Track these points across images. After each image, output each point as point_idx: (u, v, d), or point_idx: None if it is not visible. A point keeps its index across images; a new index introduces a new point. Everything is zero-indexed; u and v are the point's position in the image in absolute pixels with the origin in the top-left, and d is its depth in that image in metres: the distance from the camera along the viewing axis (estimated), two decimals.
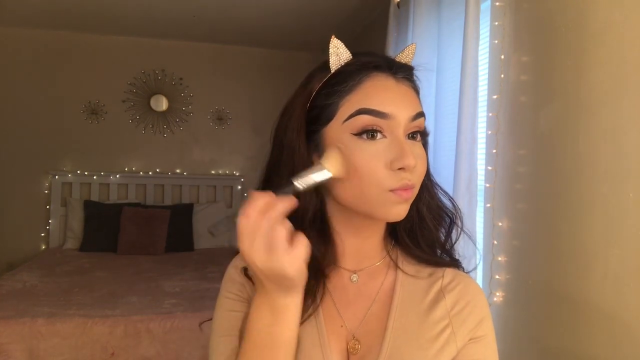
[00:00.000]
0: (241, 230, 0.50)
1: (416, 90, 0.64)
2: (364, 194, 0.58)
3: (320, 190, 0.63)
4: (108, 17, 3.44)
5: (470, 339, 0.64)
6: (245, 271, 0.66)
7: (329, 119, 0.60)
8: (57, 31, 3.75)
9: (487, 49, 1.56)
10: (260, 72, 4.18)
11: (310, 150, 0.62)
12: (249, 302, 0.64)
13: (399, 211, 0.60)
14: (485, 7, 1.58)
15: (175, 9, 3.24)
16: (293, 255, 0.50)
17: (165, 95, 4.01)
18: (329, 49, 0.61)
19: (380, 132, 0.58)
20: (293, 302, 0.55)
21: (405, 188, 0.58)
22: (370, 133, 0.58)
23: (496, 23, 1.52)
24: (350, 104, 0.59)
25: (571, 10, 1.25)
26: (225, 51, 4.12)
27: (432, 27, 1.94)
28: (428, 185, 0.68)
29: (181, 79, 4.04)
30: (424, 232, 0.68)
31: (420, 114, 0.61)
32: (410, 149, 0.58)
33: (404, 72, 0.62)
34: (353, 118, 0.58)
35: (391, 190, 0.58)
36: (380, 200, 0.58)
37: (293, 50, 4.19)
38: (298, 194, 0.55)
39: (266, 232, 0.49)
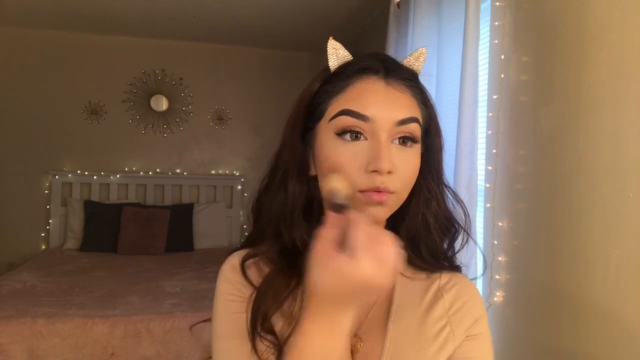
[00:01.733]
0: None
1: (416, 96, 0.62)
2: None
3: (311, 185, 0.65)
4: (108, 17, 3.44)
5: (467, 337, 0.65)
6: (243, 270, 0.65)
7: (320, 117, 0.62)
8: (57, 31, 3.76)
9: (487, 49, 1.56)
10: (260, 72, 4.18)
11: (305, 146, 0.65)
12: (247, 301, 0.63)
13: (373, 213, 0.59)
14: (485, 7, 1.57)
15: (175, 9, 3.24)
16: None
17: (165, 95, 4.01)
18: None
19: (362, 133, 0.59)
20: (352, 314, 0.52)
21: (377, 191, 0.57)
22: (353, 134, 0.59)
23: (496, 23, 1.52)
24: (337, 104, 0.60)
25: (571, 10, 1.25)
26: (225, 51, 4.12)
27: (432, 27, 1.94)
28: (437, 193, 0.66)
29: (181, 79, 4.04)
30: (429, 243, 0.68)
31: (411, 120, 0.59)
32: (388, 154, 0.57)
33: (398, 76, 0.61)
34: (336, 118, 0.59)
35: (361, 191, 0.58)
36: (353, 201, 0.59)
37: (293, 50, 4.20)
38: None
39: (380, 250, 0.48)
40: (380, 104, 0.59)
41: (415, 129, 0.60)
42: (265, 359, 0.59)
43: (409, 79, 0.62)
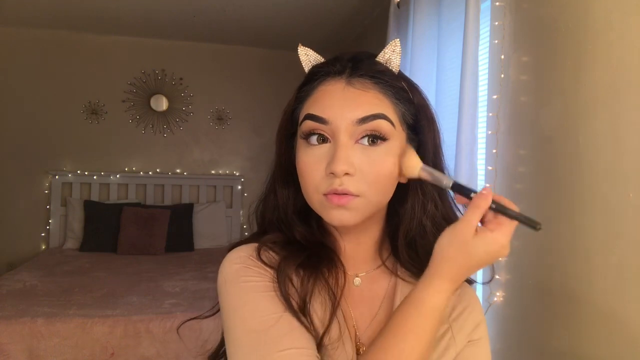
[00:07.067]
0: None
1: (385, 92, 0.60)
2: (307, 196, 0.61)
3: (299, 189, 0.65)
4: (108, 17, 3.44)
5: (468, 342, 0.65)
6: (260, 257, 0.63)
7: (296, 123, 0.64)
8: (57, 31, 3.75)
9: (487, 49, 1.56)
10: (260, 72, 4.18)
11: (291, 149, 0.67)
12: (274, 285, 0.61)
13: (338, 217, 0.58)
14: (485, 7, 1.57)
15: (175, 9, 3.24)
16: None
17: (165, 95, 4.01)
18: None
19: (327, 137, 0.59)
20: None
21: (335, 193, 0.57)
22: (320, 137, 0.59)
23: (496, 23, 1.52)
24: (304, 109, 0.62)
25: (571, 10, 1.25)
26: (225, 51, 4.12)
27: (432, 27, 1.94)
28: (433, 194, 0.65)
29: (181, 79, 4.04)
30: (427, 247, 0.65)
31: (374, 117, 0.57)
32: (344, 155, 0.56)
33: (362, 74, 0.60)
34: (303, 123, 0.61)
35: (324, 194, 0.58)
36: (319, 204, 0.60)
37: (293, 50, 4.16)
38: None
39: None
40: (337, 106, 0.58)
41: (381, 125, 0.58)
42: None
43: (375, 76, 0.60)
